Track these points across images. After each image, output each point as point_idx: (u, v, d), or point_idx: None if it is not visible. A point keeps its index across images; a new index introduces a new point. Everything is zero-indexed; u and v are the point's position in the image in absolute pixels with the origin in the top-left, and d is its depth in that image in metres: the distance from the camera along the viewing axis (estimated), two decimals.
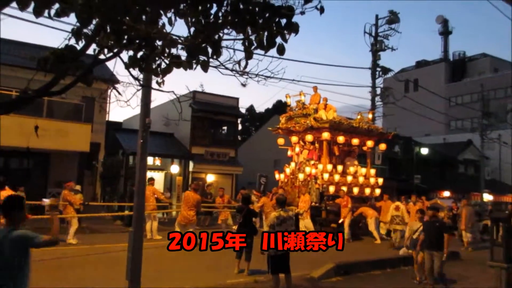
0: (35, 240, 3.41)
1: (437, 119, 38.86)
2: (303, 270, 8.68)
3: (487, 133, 33.27)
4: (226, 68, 3.41)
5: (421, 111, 33.64)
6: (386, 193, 16.02)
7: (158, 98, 27.50)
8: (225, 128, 27.91)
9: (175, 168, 24.55)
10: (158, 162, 24.77)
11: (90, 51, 3.22)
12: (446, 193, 33.18)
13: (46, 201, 5.17)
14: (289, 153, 17.57)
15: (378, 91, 24.14)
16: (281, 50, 3.23)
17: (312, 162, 16.35)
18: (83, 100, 17.88)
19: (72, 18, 3.04)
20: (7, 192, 8.62)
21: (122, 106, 24.93)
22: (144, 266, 6.23)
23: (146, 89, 6.07)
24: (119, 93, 3.61)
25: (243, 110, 35.87)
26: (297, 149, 17.26)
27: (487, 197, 35.50)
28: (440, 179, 36.51)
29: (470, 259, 12.18)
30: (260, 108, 57.22)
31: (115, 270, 7.92)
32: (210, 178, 25.98)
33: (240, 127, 36.22)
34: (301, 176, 15.89)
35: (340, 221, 14.24)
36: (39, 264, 8.59)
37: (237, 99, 28.68)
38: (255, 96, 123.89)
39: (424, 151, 34.38)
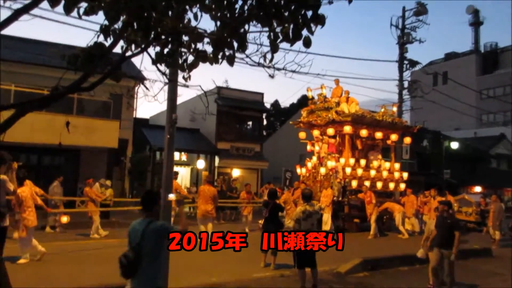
0: (173, 230, 3.91)
1: (467, 112, 37.89)
2: (329, 265, 8.64)
3: None
4: (253, 61, 3.40)
5: (450, 104, 32.84)
6: (414, 188, 15.66)
7: (184, 94, 28.07)
8: (250, 123, 28.01)
9: (201, 163, 24.81)
10: (184, 157, 25.15)
11: (118, 48, 3.28)
12: (477, 188, 32.40)
13: (172, 197, 5.41)
14: (308, 147, 17.37)
15: (406, 84, 23.68)
16: (307, 43, 3.18)
17: (334, 155, 16.20)
18: (111, 98, 18.26)
19: (99, 17, 3.10)
20: (27, 188, 8.80)
21: (150, 101, 25.39)
22: (173, 262, 6.31)
23: (173, 84, 6.14)
24: (147, 88, 3.66)
25: (268, 105, 35.87)
26: (319, 143, 17.12)
27: None
28: (471, 174, 35.69)
29: (503, 256, 11.91)
30: (285, 103, 57.01)
31: None
32: (236, 173, 26.17)
33: (265, 122, 36.20)
34: (322, 170, 15.71)
35: (370, 219, 14.09)
36: (66, 256, 8.94)
37: (262, 94, 28.71)
38: (280, 91, 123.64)
39: (454, 145, 33.72)
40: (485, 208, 16.97)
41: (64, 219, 11.71)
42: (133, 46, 3.30)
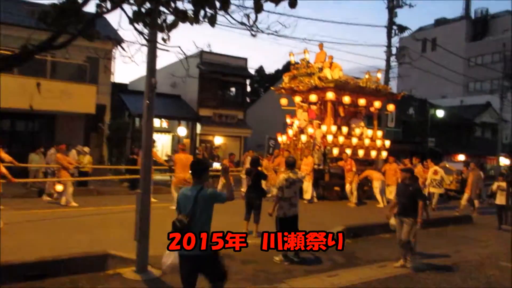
0: (222, 197, 4.25)
1: (455, 80, 38.17)
2: None
3: (507, 95, 32.63)
4: (235, 21, 3.32)
5: (438, 72, 33.05)
6: (399, 157, 15.83)
7: (165, 58, 27.46)
8: (233, 89, 27.80)
9: (182, 131, 24.72)
10: (165, 124, 24.97)
11: (92, 6, 3.16)
12: (461, 157, 33.16)
13: (216, 165, 5.39)
14: (288, 121, 17.33)
15: (394, 50, 23.62)
16: (292, 3, 3.13)
17: (315, 122, 16.20)
18: (88, 61, 17.87)
19: None
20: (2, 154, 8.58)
21: (126, 63, 24.74)
22: (153, 228, 6.34)
23: (152, 46, 5.97)
24: (123, 49, 3.57)
25: (252, 71, 35.51)
26: (300, 109, 17.07)
27: (504, 161, 35.28)
28: (456, 142, 36.44)
29: (483, 224, 12.40)
30: (270, 69, 56.53)
31: (122, 232, 8.12)
32: (218, 140, 26.17)
33: (249, 88, 35.96)
34: (303, 138, 15.74)
35: (347, 186, 14.22)
36: (42, 224, 8.87)
37: (245, 59, 28.39)
38: (265, 57, 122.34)
39: (440, 113, 34.09)
40: (466, 176, 17.40)
41: (59, 187, 11.54)
42: (108, 4, 3.19)
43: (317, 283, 6.12)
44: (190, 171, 4.42)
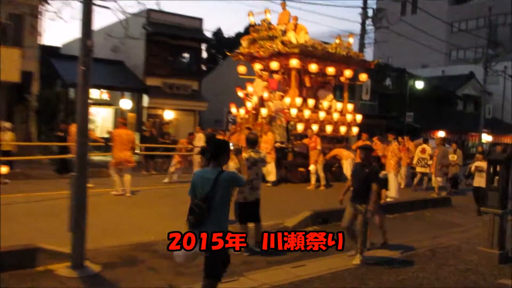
0: (241, 180, 4.66)
1: (437, 48, 39.17)
2: (275, 219, 8.96)
3: (492, 65, 33.66)
4: None
5: (418, 38, 33.71)
6: (375, 133, 16.15)
7: (105, 16, 26.67)
8: (186, 55, 27.37)
9: (126, 103, 24.26)
10: (105, 96, 24.44)
11: None
12: (441, 133, 34.27)
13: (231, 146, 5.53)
14: (241, 94, 17.31)
15: (370, 13, 23.90)
16: None
17: (277, 94, 16.27)
18: (10, 19, 17.14)
19: None
20: None
21: (53, 19, 23.91)
22: (90, 217, 6.26)
23: (87, 1, 5.82)
24: (47, 3, 3.42)
25: (208, 34, 35.10)
26: (260, 78, 17.02)
27: (486, 137, 37.02)
28: (436, 117, 37.52)
29: (463, 206, 13.11)
30: (229, 32, 55.99)
31: (53, 221, 8.01)
32: (169, 115, 25.81)
33: (205, 54, 35.52)
34: (264, 111, 15.74)
35: (311, 167, 14.35)
36: None
37: (200, 20, 27.90)
38: (223, 18, 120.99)
39: (419, 84, 34.99)
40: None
41: (3, 169, 11.10)
42: None
43: (280, 275, 6.18)
44: (207, 153, 4.73)
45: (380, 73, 35.46)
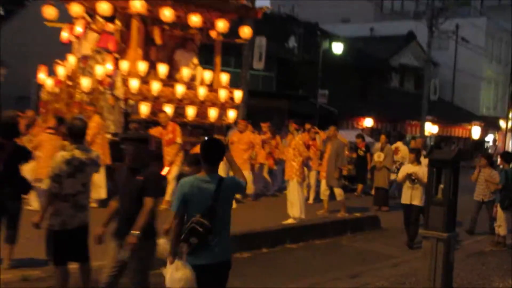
0: (243, 185, 5.51)
1: None
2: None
3: (439, 22, 33.79)
4: None
5: None
6: (273, 120, 15.97)
7: None
8: None
9: None
10: None
11: None
12: (368, 122, 33.87)
13: None
14: (65, 35, 16.34)
15: None
16: None
17: (108, 53, 15.45)
18: None
19: None
20: None
21: None
22: None
23: None
24: None
25: None
26: (80, 29, 16.01)
27: (431, 128, 37.72)
28: (361, 97, 37.04)
29: (397, 229, 13.22)
30: None
31: None
32: None
33: None
34: (85, 82, 14.75)
35: (165, 171, 13.61)
36: None
37: None
38: None
39: (338, 48, 32.76)
40: (363, 154, 18.80)
41: None
42: None
43: None
44: (202, 157, 5.30)
45: (280, 29, 33.75)
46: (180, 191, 5.17)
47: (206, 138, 5.71)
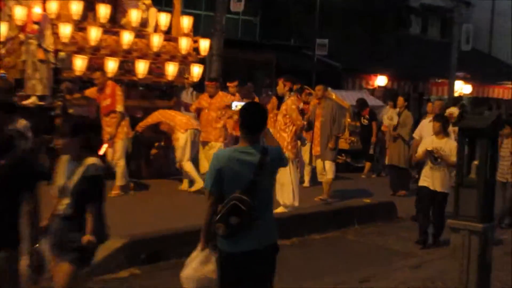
0: (286, 159, 6.43)
1: None
2: None
3: None
4: None
5: None
6: (253, 75, 15.87)
7: None
8: None
9: None
10: None
11: None
12: (381, 80, 32.88)
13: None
14: None
15: None
16: None
17: None
18: None
19: None
20: None
21: None
22: None
23: None
24: None
25: None
26: None
27: (462, 87, 36.03)
28: (371, 49, 34.82)
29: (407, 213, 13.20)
30: None
31: None
32: None
33: None
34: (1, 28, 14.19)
35: (102, 149, 13.05)
36: None
37: None
38: None
39: None
40: (367, 122, 18.30)
41: None
42: None
43: None
44: (242, 124, 5.42)
45: None
46: (214, 165, 5.24)
47: (255, 105, 6.03)
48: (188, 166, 13.84)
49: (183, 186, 14.18)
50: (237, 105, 14.60)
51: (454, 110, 16.57)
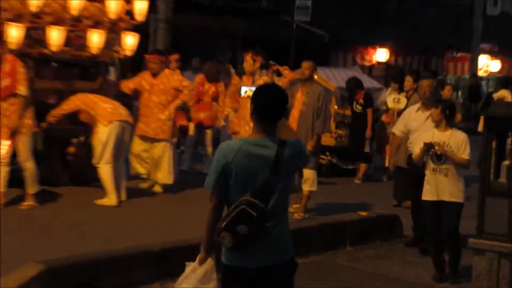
0: (306, 154, 6.18)
1: None
2: None
3: None
4: None
5: None
6: (215, 47, 16.03)
7: None
8: None
9: None
10: None
11: None
12: (381, 54, 32.71)
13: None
14: None
15: None
16: None
17: None
18: None
19: None
20: None
21: None
22: None
23: None
24: None
25: None
26: None
27: (488, 63, 35.56)
28: (368, 15, 34.50)
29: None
30: None
31: None
32: None
33: None
34: None
35: (2, 149, 12.47)
36: None
37: None
38: None
39: None
40: (361, 109, 17.12)
41: None
42: None
43: None
44: (255, 111, 5.19)
45: None
46: (219, 160, 5.02)
47: (261, 85, 6.23)
48: (104, 171, 13.03)
49: (144, 185, 14.32)
50: (246, 90, 14.03)
51: (505, 93, 15.97)
